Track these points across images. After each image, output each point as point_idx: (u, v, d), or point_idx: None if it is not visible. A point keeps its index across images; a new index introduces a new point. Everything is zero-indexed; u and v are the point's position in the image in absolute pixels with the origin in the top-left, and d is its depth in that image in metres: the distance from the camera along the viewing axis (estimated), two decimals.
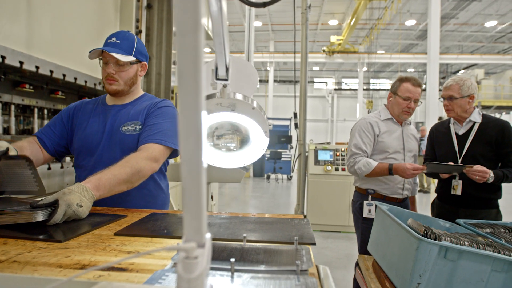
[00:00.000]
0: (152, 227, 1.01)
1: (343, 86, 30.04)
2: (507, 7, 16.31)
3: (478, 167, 1.91)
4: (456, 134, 2.17)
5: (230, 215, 1.17)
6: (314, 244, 0.86)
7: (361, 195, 2.26)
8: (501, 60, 20.62)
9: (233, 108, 0.80)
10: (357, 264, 1.99)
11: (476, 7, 16.77)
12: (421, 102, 2.24)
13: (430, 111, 10.95)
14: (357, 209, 2.26)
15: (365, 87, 25.24)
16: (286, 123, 13.42)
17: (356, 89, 24.86)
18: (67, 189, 1.07)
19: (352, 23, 15.95)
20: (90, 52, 1.37)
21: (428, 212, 2.38)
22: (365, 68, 22.98)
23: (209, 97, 0.81)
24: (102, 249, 0.84)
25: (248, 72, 0.89)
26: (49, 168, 2.03)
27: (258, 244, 0.76)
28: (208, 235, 0.43)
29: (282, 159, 11.58)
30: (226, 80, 0.69)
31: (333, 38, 19.16)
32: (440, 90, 26.14)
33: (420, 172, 2.02)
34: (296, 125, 5.69)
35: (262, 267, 0.64)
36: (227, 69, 0.68)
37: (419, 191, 9.09)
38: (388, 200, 2.19)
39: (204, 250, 0.39)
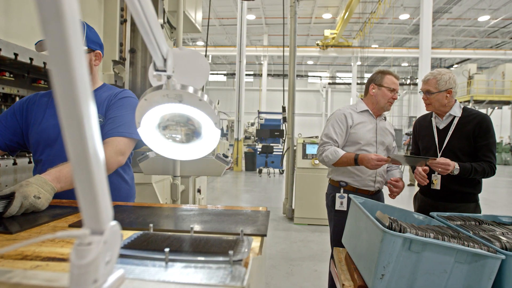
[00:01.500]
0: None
1: (337, 80, 30.06)
2: (500, 1, 16.36)
3: (440, 159, 1.91)
4: (437, 128, 2.16)
5: (191, 207, 1.18)
6: (265, 235, 0.86)
7: (334, 187, 2.27)
8: (494, 54, 20.75)
9: (180, 100, 0.80)
10: (332, 257, 2.01)
11: (469, 2, 16.81)
12: (399, 95, 2.26)
13: (423, 105, 10.98)
14: (330, 201, 2.27)
15: (359, 81, 25.28)
16: (279, 117, 13.41)
17: (350, 83, 24.88)
18: (25, 181, 1.06)
19: (345, 16, 15.92)
20: (35, 44, 1.32)
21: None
22: (359, 62, 23.00)
23: (156, 88, 0.80)
24: (50, 240, 0.83)
25: (199, 63, 0.88)
26: None
27: (204, 235, 0.76)
28: (112, 223, 0.43)
29: (274, 153, 11.59)
30: (165, 71, 0.68)
31: (327, 32, 19.12)
32: None
33: (384, 163, 1.99)
34: (284, 119, 5.70)
35: (198, 257, 0.64)
36: (165, 60, 0.67)
37: (409, 184, 9.16)
38: (360, 193, 2.19)
39: (101, 237, 0.39)
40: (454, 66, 23.42)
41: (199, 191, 5.31)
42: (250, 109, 23.57)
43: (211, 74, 31.87)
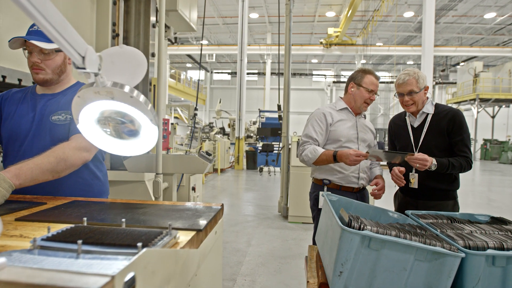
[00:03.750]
0: (59, 214, 1.03)
1: (342, 79, 29.90)
2: None
3: (418, 155, 1.90)
4: (412, 127, 2.16)
5: (147, 203, 1.19)
6: (199, 230, 0.87)
7: (317, 186, 2.26)
8: (500, 52, 20.45)
9: (112, 97, 0.81)
10: None
11: None
12: (378, 95, 2.24)
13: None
14: (313, 200, 2.26)
15: None
16: None
17: None
18: None
19: (349, 14, 15.82)
20: (9, 41, 1.35)
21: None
22: (363, 61, 22.84)
23: (88, 86, 0.82)
24: None
25: (138, 61, 0.89)
26: None
27: (132, 228, 0.78)
28: None
29: (275, 151, 11.59)
30: (84, 68, 0.70)
31: (331, 30, 19.02)
32: (437, 83, 25.80)
33: (363, 159, 1.96)
34: (280, 117, 5.69)
35: (110, 249, 0.65)
36: (83, 58, 0.68)
37: None
38: (345, 190, 2.18)
39: None
40: (460, 64, 23.15)
41: (193, 189, 5.34)
42: (255, 108, 23.58)
43: (215, 72, 31.94)
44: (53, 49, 1.39)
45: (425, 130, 2.08)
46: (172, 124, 7.27)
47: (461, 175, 2.16)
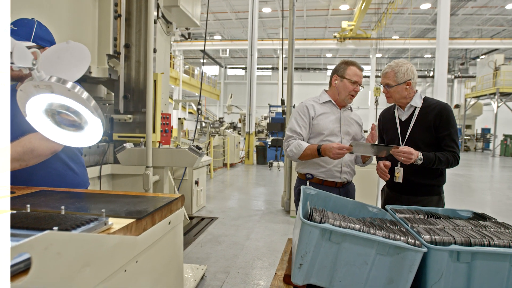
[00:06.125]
0: (19, 202, 1.08)
1: None
2: None
3: (403, 148, 1.87)
4: (400, 120, 2.14)
5: (112, 193, 1.24)
6: (138, 218, 0.91)
7: (301, 180, 2.26)
8: None
9: (51, 90, 0.85)
10: None
11: None
12: (363, 87, 2.22)
13: (438, 98, 10.61)
14: (296, 195, 2.27)
15: (379, 74, 24.62)
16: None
17: (369, 76, 24.24)
18: None
19: (362, 7, 15.52)
20: None
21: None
22: (379, 55, 22.39)
23: (28, 80, 0.86)
24: None
25: (81, 56, 0.93)
26: None
27: (67, 215, 0.82)
28: None
29: None
30: (13, 63, 0.74)
31: (344, 24, 18.71)
32: (456, 77, 24.98)
33: (346, 152, 1.93)
34: (283, 112, 5.67)
35: (32, 233, 0.70)
36: (11, 53, 0.72)
37: None
38: (327, 185, 2.18)
39: None
40: (480, 57, 22.35)
41: (196, 183, 5.42)
42: (269, 102, 23.48)
43: (229, 67, 31.99)
44: (26, 46, 1.45)
45: (412, 123, 2.06)
46: (179, 119, 7.36)
47: (478, 171, 2.13)
